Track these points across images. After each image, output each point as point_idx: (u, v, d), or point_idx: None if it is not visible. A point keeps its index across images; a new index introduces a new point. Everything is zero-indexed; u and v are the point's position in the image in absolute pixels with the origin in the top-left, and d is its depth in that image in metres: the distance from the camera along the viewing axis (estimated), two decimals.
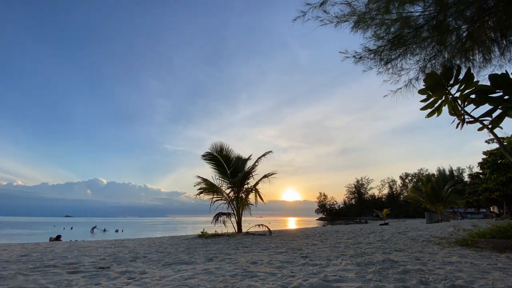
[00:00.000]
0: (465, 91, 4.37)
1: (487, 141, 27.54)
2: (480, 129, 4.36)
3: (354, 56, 5.30)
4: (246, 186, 10.53)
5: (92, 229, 32.04)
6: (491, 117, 4.20)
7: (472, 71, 4.38)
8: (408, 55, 5.12)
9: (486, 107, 4.22)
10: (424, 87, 4.65)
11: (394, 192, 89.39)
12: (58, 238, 12.35)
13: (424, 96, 4.76)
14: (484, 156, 26.32)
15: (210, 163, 10.77)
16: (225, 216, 10.06)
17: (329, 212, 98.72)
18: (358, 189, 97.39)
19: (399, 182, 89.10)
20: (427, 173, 70.05)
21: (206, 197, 10.26)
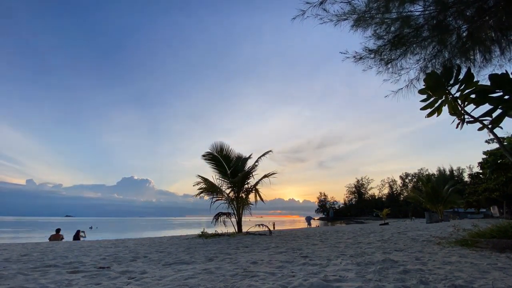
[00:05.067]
0: (465, 91, 4.37)
1: (487, 141, 27.53)
2: (480, 129, 4.35)
3: (354, 56, 5.30)
4: (246, 186, 10.52)
5: None
6: (491, 117, 4.20)
7: (472, 71, 4.38)
8: (409, 54, 5.13)
9: (486, 107, 4.22)
10: (424, 87, 4.65)
11: (394, 192, 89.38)
12: (58, 232, 12.05)
13: (424, 96, 4.76)
14: (484, 156, 26.29)
15: (210, 163, 10.75)
16: (225, 216, 10.07)
17: (329, 212, 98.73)
18: (358, 189, 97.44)
19: (399, 182, 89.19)
20: (427, 173, 70.12)
21: (206, 197, 10.26)
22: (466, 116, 4.47)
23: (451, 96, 4.57)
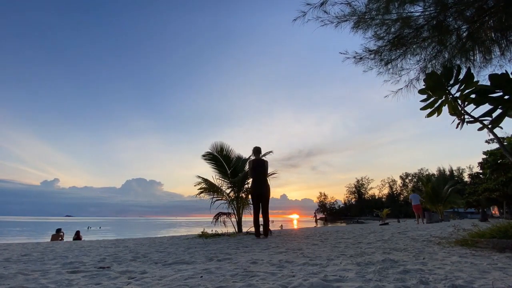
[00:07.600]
0: (465, 91, 4.37)
1: (487, 141, 27.58)
2: (480, 129, 4.36)
3: (354, 57, 5.31)
4: (246, 186, 10.54)
5: None
6: (491, 117, 4.20)
7: (472, 71, 4.38)
8: (409, 55, 5.14)
9: (486, 107, 4.22)
10: (424, 87, 4.65)
11: (394, 192, 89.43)
12: (58, 232, 12.02)
13: (424, 96, 4.77)
14: (484, 156, 26.35)
15: (210, 163, 10.77)
16: (225, 216, 10.08)
17: (329, 212, 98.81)
18: (358, 189, 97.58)
19: (399, 182, 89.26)
20: (427, 173, 70.21)
21: (206, 196, 10.29)
22: (466, 116, 4.47)
23: (451, 96, 4.57)
